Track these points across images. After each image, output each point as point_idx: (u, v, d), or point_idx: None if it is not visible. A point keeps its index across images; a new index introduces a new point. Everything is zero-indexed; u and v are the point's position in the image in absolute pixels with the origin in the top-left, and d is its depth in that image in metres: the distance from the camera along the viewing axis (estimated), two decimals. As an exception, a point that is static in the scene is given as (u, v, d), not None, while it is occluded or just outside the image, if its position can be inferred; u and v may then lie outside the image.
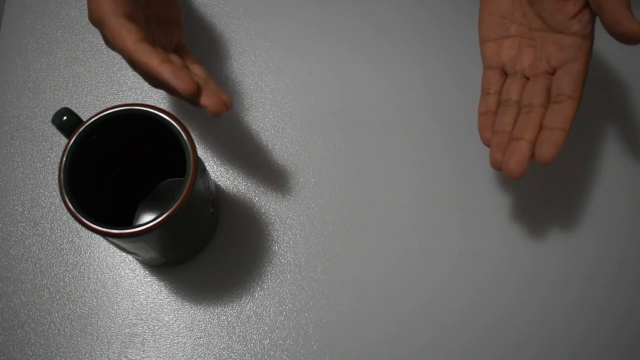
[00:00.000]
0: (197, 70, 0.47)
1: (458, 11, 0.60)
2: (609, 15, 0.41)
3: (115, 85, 0.58)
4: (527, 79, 0.48)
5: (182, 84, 0.41)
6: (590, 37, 0.45)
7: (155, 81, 0.42)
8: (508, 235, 0.54)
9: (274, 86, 0.58)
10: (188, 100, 0.42)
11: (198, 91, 0.41)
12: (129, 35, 0.42)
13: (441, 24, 0.60)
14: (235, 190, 0.55)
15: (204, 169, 0.47)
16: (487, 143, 0.47)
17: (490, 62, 0.49)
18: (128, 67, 0.59)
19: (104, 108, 0.58)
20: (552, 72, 0.47)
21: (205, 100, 0.42)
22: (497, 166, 0.46)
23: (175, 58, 0.46)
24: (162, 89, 0.43)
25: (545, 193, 0.55)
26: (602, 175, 0.55)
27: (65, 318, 0.52)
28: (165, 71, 0.41)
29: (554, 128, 0.44)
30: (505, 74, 0.49)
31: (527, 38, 0.48)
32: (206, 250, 0.53)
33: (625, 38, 0.41)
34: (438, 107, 0.57)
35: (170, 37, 0.48)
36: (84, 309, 0.52)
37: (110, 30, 0.42)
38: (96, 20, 0.43)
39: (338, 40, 0.60)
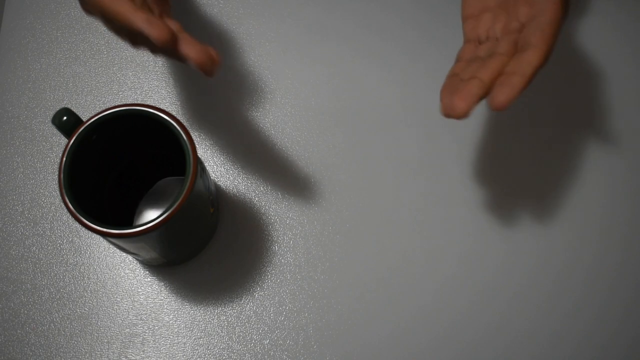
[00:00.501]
0: (186, 36, 0.43)
1: (457, 10, 0.60)
2: None
3: (115, 85, 0.58)
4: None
5: (156, 31, 0.39)
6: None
7: (130, 33, 0.40)
8: (509, 235, 0.54)
9: (274, 86, 0.58)
10: (166, 52, 0.40)
11: (173, 40, 0.39)
12: None
13: (441, 23, 0.60)
14: (235, 190, 0.55)
15: (203, 169, 0.47)
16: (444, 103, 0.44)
17: (469, 36, 0.48)
18: (128, 67, 0.59)
19: (104, 108, 0.58)
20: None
21: (186, 48, 0.40)
22: (445, 111, 0.42)
23: (153, 8, 0.44)
24: (141, 45, 0.41)
25: (541, 193, 0.55)
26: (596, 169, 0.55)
27: (65, 318, 0.52)
28: (138, 19, 0.39)
29: (513, 73, 0.41)
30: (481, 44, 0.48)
31: (503, 8, 0.47)
32: (206, 250, 0.53)
33: None
34: (438, 107, 0.57)
35: (156, 5, 0.45)
36: (84, 309, 0.52)
37: None
38: None
39: (338, 41, 0.59)
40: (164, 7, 0.46)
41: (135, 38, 0.41)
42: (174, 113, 0.57)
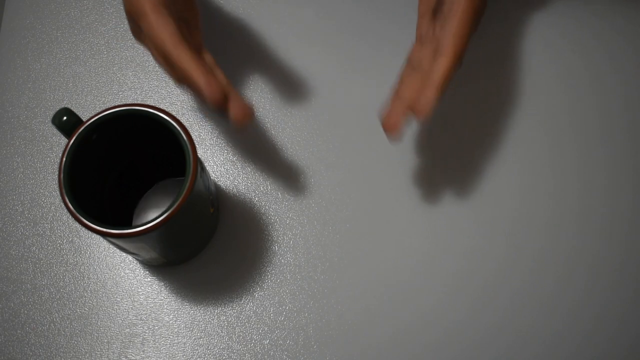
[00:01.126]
0: (220, 76, 0.47)
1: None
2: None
3: (115, 85, 0.58)
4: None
5: (212, 92, 0.41)
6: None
7: (183, 80, 0.42)
8: (511, 234, 0.54)
9: (275, 86, 0.58)
10: (213, 108, 0.42)
11: (224, 100, 0.41)
12: (168, 30, 0.42)
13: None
14: (235, 190, 0.55)
15: (203, 169, 0.47)
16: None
17: (416, 35, 0.50)
18: (128, 67, 0.59)
19: (104, 108, 0.58)
20: None
21: (233, 109, 0.42)
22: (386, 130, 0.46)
23: (208, 57, 0.46)
24: (186, 89, 0.43)
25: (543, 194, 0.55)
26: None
27: (65, 318, 0.52)
28: (198, 75, 0.41)
29: (427, 86, 0.44)
30: None
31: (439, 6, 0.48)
32: (206, 250, 0.53)
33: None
34: (439, 107, 0.57)
35: (192, 39, 0.47)
36: (84, 309, 0.52)
37: (150, 22, 0.42)
38: (135, 11, 0.42)
39: (338, 40, 0.59)
40: (197, 37, 0.48)
41: (183, 82, 0.43)
42: (174, 113, 0.57)
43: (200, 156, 0.56)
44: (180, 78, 0.43)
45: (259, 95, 0.58)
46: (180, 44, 0.42)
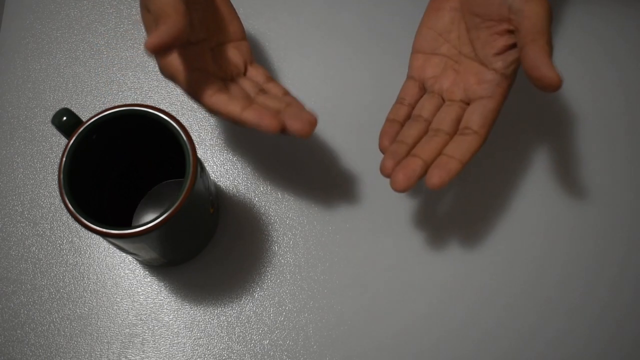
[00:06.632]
0: (274, 89, 0.47)
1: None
2: (531, 60, 0.41)
3: (115, 86, 0.58)
4: (443, 100, 0.48)
5: (268, 125, 0.42)
6: (510, 77, 0.45)
7: (236, 122, 0.43)
8: (509, 236, 0.54)
9: (274, 86, 0.58)
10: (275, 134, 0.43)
11: (281, 125, 0.42)
12: (204, 91, 0.43)
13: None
14: (235, 190, 0.55)
15: (203, 169, 0.47)
16: (383, 149, 0.47)
17: (414, 73, 0.50)
18: (128, 67, 0.59)
19: (103, 108, 0.58)
20: (468, 102, 0.47)
21: (293, 126, 0.42)
22: (385, 172, 0.45)
23: (257, 74, 0.47)
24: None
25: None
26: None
27: (65, 318, 0.52)
28: (249, 118, 0.42)
29: (451, 157, 0.44)
30: (424, 89, 0.49)
31: (454, 61, 0.48)
32: (206, 250, 0.54)
33: (541, 84, 0.41)
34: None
35: (239, 58, 0.48)
36: (84, 310, 0.52)
37: (185, 87, 0.44)
38: (169, 76, 0.44)
39: (338, 41, 0.59)
40: (245, 52, 0.48)
41: (242, 125, 0.44)
42: (173, 113, 0.57)
43: (200, 156, 0.56)
44: (236, 124, 0.44)
45: (259, 96, 0.58)
46: (220, 98, 0.43)
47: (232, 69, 0.47)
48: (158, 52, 0.40)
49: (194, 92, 0.44)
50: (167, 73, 0.44)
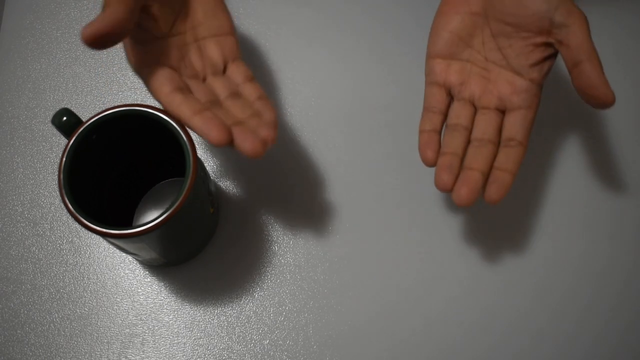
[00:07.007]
0: (249, 91, 0.45)
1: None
2: (587, 79, 0.42)
3: (115, 86, 0.58)
4: (474, 107, 0.48)
5: (215, 137, 0.41)
6: (542, 86, 0.46)
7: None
8: (509, 240, 0.54)
9: (274, 87, 0.58)
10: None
11: (229, 139, 0.41)
12: (160, 89, 0.42)
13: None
14: (235, 190, 0.55)
15: (203, 169, 0.47)
16: (429, 162, 0.46)
17: (437, 79, 0.48)
18: (128, 67, 0.59)
19: (103, 108, 0.58)
20: (503, 110, 0.47)
21: (241, 145, 0.41)
22: (443, 187, 0.45)
23: (220, 90, 0.45)
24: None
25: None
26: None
27: (65, 318, 0.52)
28: (197, 124, 0.41)
29: (504, 170, 0.45)
30: (450, 95, 0.48)
31: (480, 67, 0.48)
32: (206, 250, 0.54)
33: (597, 102, 0.42)
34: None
35: (219, 55, 0.46)
36: (84, 310, 0.52)
37: (145, 82, 0.43)
38: (133, 70, 0.43)
39: (338, 41, 0.59)
40: (229, 49, 0.46)
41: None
42: (173, 113, 0.57)
43: (200, 156, 0.56)
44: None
45: (259, 96, 0.58)
46: (175, 98, 0.42)
47: (207, 67, 0.45)
48: (94, 42, 0.38)
49: (152, 88, 0.42)
50: (131, 66, 0.43)
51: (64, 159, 0.44)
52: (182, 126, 0.44)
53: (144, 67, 0.43)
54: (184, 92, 0.43)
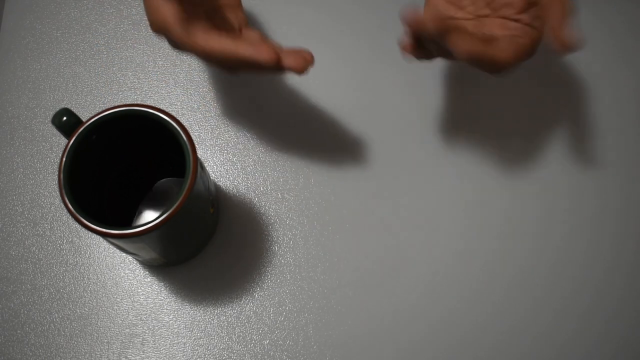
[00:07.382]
0: (269, 42, 0.48)
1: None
2: (554, 20, 0.43)
3: (115, 86, 0.58)
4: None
5: (265, 57, 0.42)
6: (539, 31, 0.45)
7: (236, 63, 0.44)
8: (506, 235, 0.54)
9: (274, 87, 0.58)
10: (271, 69, 0.43)
11: (279, 58, 0.43)
12: (196, 31, 0.44)
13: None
14: (235, 190, 0.55)
15: (203, 169, 0.47)
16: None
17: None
18: (128, 67, 0.59)
19: (103, 108, 0.58)
20: None
21: (288, 62, 0.43)
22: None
23: (252, 34, 0.48)
24: (243, 71, 0.45)
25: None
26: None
27: (65, 318, 0.52)
28: (245, 51, 0.43)
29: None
30: None
31: (474, 22, 0.48)
32: (206, 250, 0.53)
33: (558, 45, 0.42)
34: (442, 109, 0.57)
35: (234, 20, 0.49)
36: (84, 310, 0.52)
37: (177, 36, 0.44)
38: (159, 29, 0.44)
39: (339, 42, 0.59)
40: (241, 18, 0.50)
41: (237, 65, 0.44)
42: (173, 113, 0.57)
43: (200, 156, 0.56)
44: (232, 67, 0.44)
45: (259, 96, 0.58)
46: (212, 38, 0.43)
47: (228, 28, 0.48)
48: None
49: (185, 34, 0.44)
50: (160, 21, 0.44)
51: (64, 159, 0.44)
52: (182, 126, 0.44)
53: (174, 19, 0.44)
54: (216, 32, 0.44)
